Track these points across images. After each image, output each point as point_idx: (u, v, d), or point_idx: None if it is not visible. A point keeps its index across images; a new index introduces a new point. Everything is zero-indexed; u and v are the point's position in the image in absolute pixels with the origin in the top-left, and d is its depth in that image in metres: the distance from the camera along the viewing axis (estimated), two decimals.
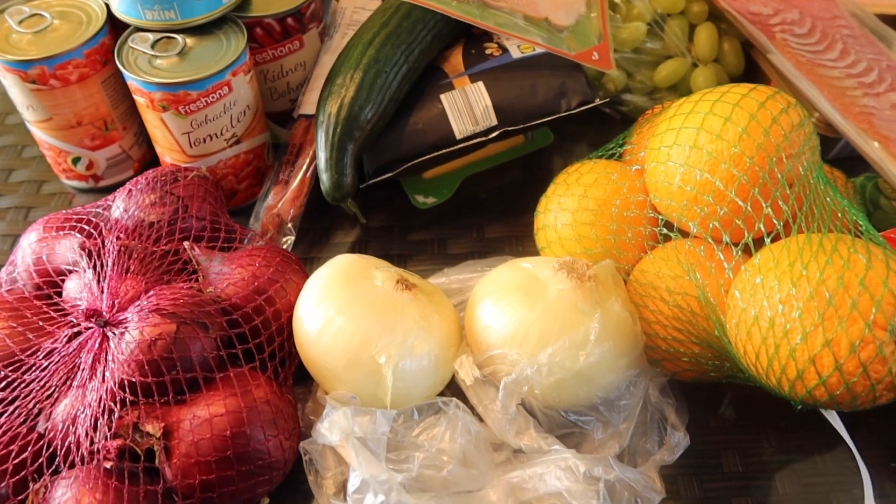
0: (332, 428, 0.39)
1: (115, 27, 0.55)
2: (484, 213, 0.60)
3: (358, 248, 0.58)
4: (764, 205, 0.40)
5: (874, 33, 0.63)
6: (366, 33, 0.55)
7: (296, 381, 0.47)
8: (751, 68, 0.65)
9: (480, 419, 0.44)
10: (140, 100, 0.52)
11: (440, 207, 0.60)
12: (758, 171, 0.41)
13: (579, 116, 0.57)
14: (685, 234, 0.45)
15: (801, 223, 0.40)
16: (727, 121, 0.42)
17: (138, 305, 0.42)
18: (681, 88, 0.65)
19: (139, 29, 0.53)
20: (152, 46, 0.52)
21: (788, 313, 0.37)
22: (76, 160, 0.59)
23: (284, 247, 0.55)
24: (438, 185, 0.60)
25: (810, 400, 0.38)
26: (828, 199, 0.42)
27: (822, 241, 0.38)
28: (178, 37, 0.52)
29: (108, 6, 0.54)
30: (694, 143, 0.43)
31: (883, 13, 0.65)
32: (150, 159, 0.63)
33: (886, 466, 0.45)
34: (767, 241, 0.40)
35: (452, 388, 0.46)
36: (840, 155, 0.60)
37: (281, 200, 0.56)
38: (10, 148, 0.67)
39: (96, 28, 0.54)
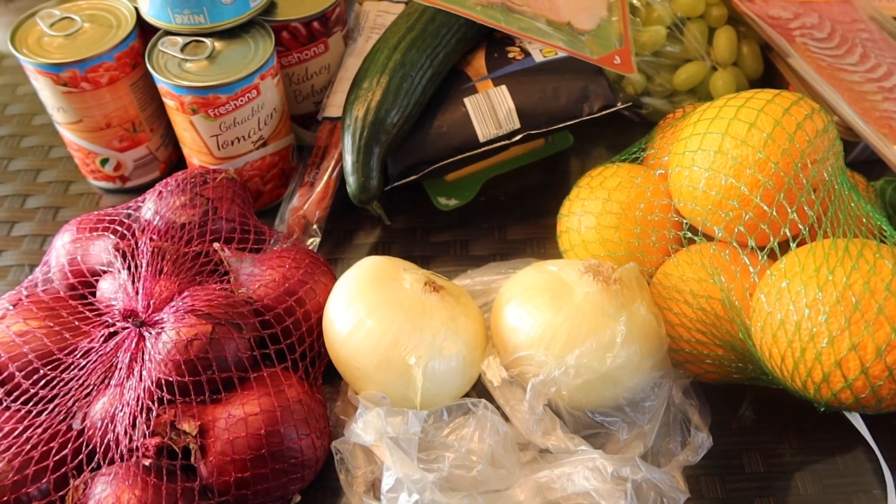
0: (367, 428, 0.40)
1: (143, 31, 0.56)
2: (505, 214, 0.61)
3: (381, 249, 0.59)
4: (789, 210, 0.41)
5: (893, 37, 0.63)
6: (391, 37, 0.55)
7: (324, 381, 0.48)
8: (770, 72, 0.65)
9: (507, 419, 0.44)
10: (170, 103, 0.53)
11: (462, 209, 0.60)
12: (783, 177, 0.41)
13: (599, 119, 0.58)
14: (709, 238, 0.46)
15: (826, 228, 0.41)
16: (752, 126, 0.42)
17: (173, 306, 0.43)
18: (700, 92, 0.66)
19: (168, 32, 0.54)
20: (181, 50, 0.53)
21: (815, 317, 0.37)
22: (104, 161, 0.60)
23: (310, 248, 0.56)
24: (460, 188, 0.61)
25: (835, 402, 0.38)
26: (852, 203, 0.43)
27: (847, 246, 0.39)
28: (207, 40, 0.53)
29: (137, 10, 0.55)
30: (719, 148, 0.43)
31: None
32: (176, 160, 0.63)
33: None
34: (793, 245, 0.41)
35: (478, 389, 0.47)
36: (859, 158, 0.61)
37: (307, 202, 0.56)
38: (37, 148, 0.68)
39: (126, 31, 0.55)
